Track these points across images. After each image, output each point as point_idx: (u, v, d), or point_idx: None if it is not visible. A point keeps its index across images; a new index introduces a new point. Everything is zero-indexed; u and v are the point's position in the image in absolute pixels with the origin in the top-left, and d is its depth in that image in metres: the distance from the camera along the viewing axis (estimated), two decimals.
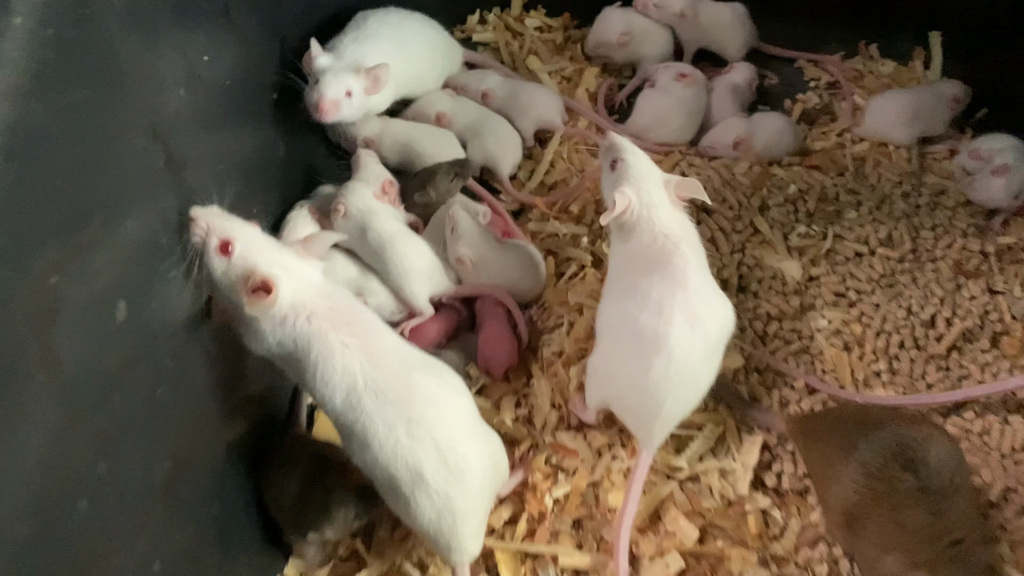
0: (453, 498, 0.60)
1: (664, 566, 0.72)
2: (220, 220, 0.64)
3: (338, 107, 0.89)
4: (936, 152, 1.04)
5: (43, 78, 0.47)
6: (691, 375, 0.66)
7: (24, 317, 0.43)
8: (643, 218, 0.71)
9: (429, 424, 0.59)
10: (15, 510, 0.41)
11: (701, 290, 0.67)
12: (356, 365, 0.60)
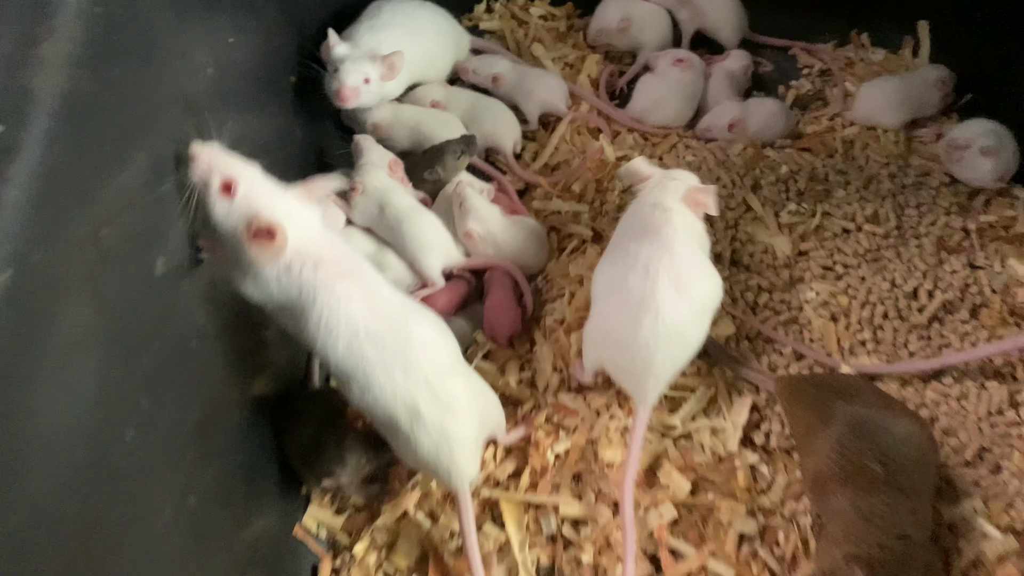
0: (448, 429, 0.65)
1: (659, 516, 0.77)
2: (223, 158, 0.61)
3: (357, 94, 0.94)
4: (922, 136, 1.08)
5: (93, 52, 0.51)
6: (678, 334, 0.71)
7: (80, 263, 0.48)
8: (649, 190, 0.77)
9: (422, 367, 0.64)
10: (74, 433, 0.46)
11: (688, 258, 0.72)
12: (358, 314, 0.63)
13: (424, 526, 0.78)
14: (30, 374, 0.43)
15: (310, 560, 0.78)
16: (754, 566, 0.75)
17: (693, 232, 0.77)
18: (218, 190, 0.61)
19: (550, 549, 0.76)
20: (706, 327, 0.74)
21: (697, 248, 0.77)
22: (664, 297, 0.69)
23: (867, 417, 0.69)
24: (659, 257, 0.71)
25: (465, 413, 0.66)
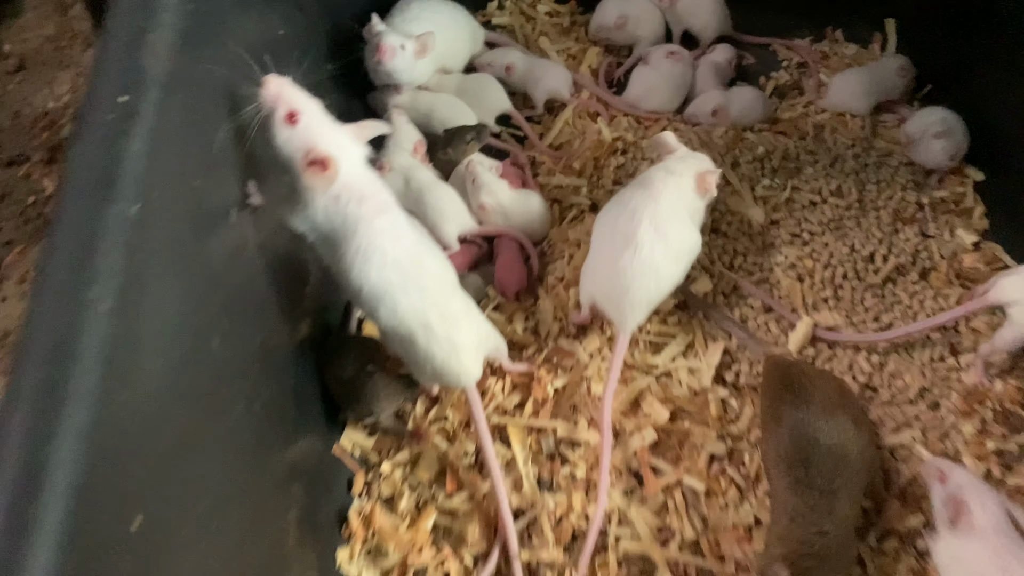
0: (454, 339, 0.77)
1: (641, 438, 0.89)
2: (291, 90, 0.68)
3: (394, 53, 1.06)
4: (887, 121, 1.20)
5: (187, 39, 0.64)
6: (652, 269, 0.83)
7: (182, 205, 0.61)
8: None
9: (433, 291, 0.75)
10: (177, 334, 0.58)
11: (671, 210, 0.84)
12: (389, 245, 0.73)
13: (442, 447, 0.91)
14: (147, 285, 0.55)
15: (346, 475, 0.90)
16: (722, 481, 0.87)
17: (684, 196, 0.89)
18: (283, 118, 0.68)
19: (549, 465, 0.89)
20: (679, 271, 0.86)
21: (682, 208, 0.89)
22: (644, 236, 0.82)
23: (803, 424, 0.77)
24: (645, 204, 0.84)
25: (466, 326, 0.79)
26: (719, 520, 0.84)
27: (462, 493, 0.88)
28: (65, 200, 0.52)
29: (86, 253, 0.49)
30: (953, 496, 0.74)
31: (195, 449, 0.59)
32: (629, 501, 0.86)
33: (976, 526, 0.71)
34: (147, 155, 0.56)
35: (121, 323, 0.50)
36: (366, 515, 0.87)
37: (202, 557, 0.58)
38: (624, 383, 0.93)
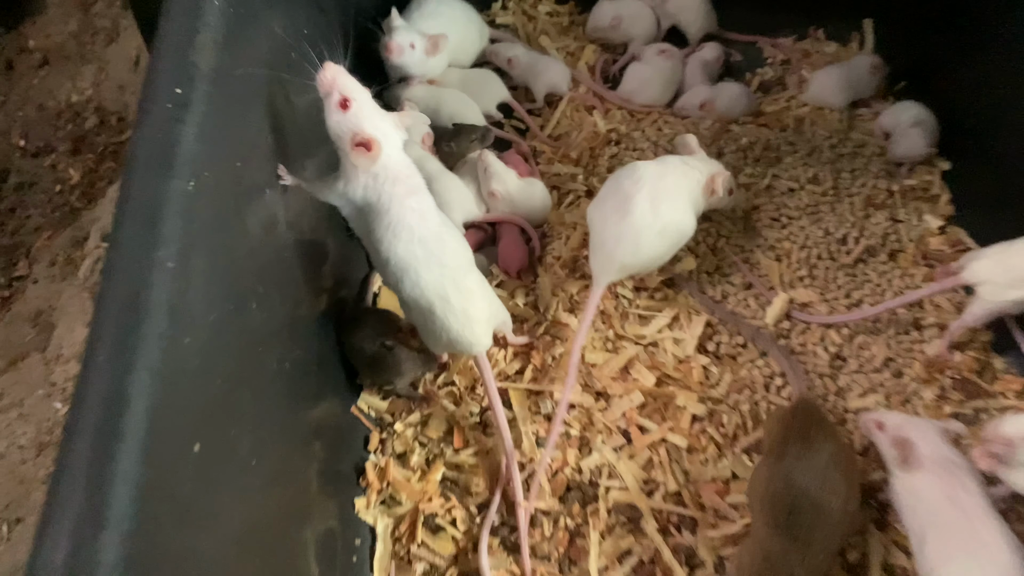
0: (469, 311, 0.85)
1: (630, 400, 0.98)
2: (345, 79, 0.78)
3: (402, 51, 1.15)
4: (863, 115, 1.28)
5: (228, 39, 0.73)
6: (635, 235, 0.92)
7: (226, 184, 0.69)
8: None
9: (452, 267, 0.84)
10: (221, 295, 0.67)
11: (671, 190, 0.94)
12: (416, 223, 0.81)
13: (449, 408, 1.00)
14: (200, 251, 0.64)
15: (363, 432, 0.99)
16: (702, 439, 0.96)
17: (690, 185, 0.98)
18: (336, 103, 0.77)
19: (546, 425, 0.98)
20: (661, 247, 0.95)
21: (685, 192, 0.97)
22: (638, 203, 0.91)
23: (801, 472, 0.79)
24: (652, 176, 0.94)
25: (479, 301, 0.87)
26: (699, 473, 0.93)
27: (468, 449, 0.97)
28: (131, 176, 0.61)
29: (154, 220, 0.58)
30: (896, 437, 0.82)
31: (238, 394, 0.67)
32: (618, 456, 0.95)
33: (922, 457, 0.80)
34: (198, 139, 0.64)
35: (181, 281, 0.58)
36: (381, 468, 0.96)
37: (243, 488, 0.67)
38: (615, 352, 1.02)
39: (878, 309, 1.03)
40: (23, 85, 2.08)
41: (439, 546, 0.91)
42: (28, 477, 1.31)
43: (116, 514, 0.47)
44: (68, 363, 1.43)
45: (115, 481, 0.48)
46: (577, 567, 0.89)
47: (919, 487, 0.80)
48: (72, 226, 1.72)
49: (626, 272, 0.96)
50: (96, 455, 0.49)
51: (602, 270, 0.95)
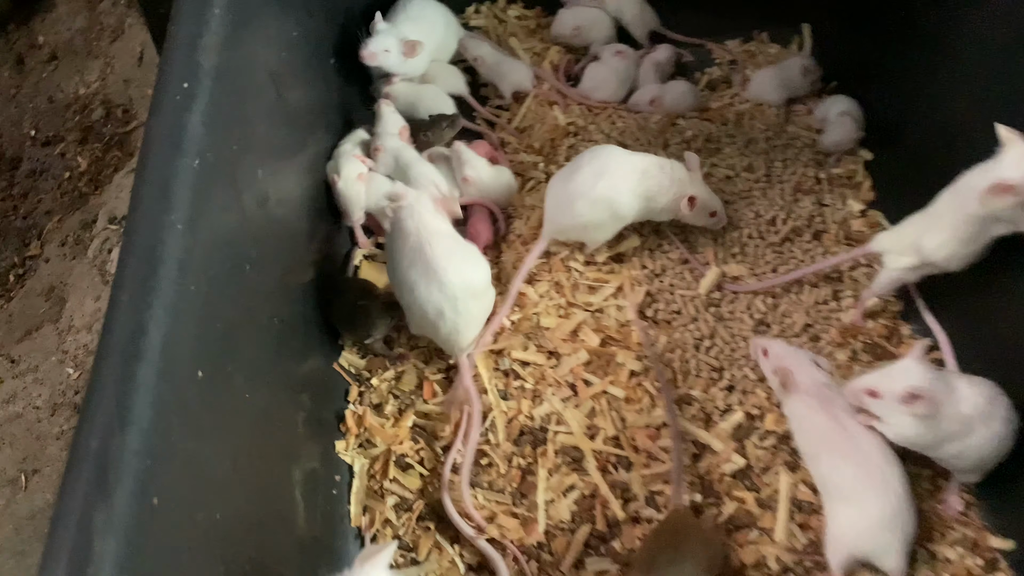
0: (459, 327, 1.02)
1: (577, 358, 1.11)
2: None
3: (375, 57, 1.28)
4: (798, 111, 1.41)
5: (229, 40, 0.85)
6: (570, 201, 1.09)
7: (226, 165, 0.82)
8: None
9: (451, 286, 1.00)
10: (221, 255, 0.80)
11: (628, 177, 1.09)
12: (418, 247, 1.01)
13: (420, 366, 1.13)
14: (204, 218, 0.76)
15: (343, 386, 1.13)
16: (638, 391, 1.09)
17: (648, 183, 1.11)
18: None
19: (505, 380, 1.11)
20: (594, 218, 1.11)
21: (641, 184, 1.11)
22: (585, 173, 1.09)
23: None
24: (606, 158, 1.10)
25: (472, 318, 1.05)
26: (634, 421, 1.07)
27: (435, 400, 1.10)
28: (147, 155, 0.74)
29: (166, 191, 0.71)
30: (777, 367, 0.97)
31: (234, 338, 0.81)
32: (565, 406, 1.08)
33: (800, 384, 0.94)
34: (203, 125, 0.77)
35: (188, 240, 0.71)
36: (359, 416, 1.09)
37: (238, 415, 0.80)
38: (566, 317, 1.15)
39: (795, 274, 1.17)
40: (33, 78, 2.20)
41: (408, 481, 1.05)
42: (44, 434, 1.44)
43: (138, 415, 0.60)
44: (79, 333, 1.56)
45: (137, 391, 0.61)
46: (527, 499, 1.03)
47: (802, 410, 0.95)
48: (81, 210, 1.85)
49: (564, 233, 1.12)
50: (122, 371, 0.62)
51: (547, 226, 1.13)
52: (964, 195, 0.97)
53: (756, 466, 1.04)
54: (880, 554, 0.90)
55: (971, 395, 0.90)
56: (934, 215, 1.03)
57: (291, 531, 0.91)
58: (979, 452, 0.92)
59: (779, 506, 1.00)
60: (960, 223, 0.98)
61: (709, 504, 1.01)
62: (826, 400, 0.94)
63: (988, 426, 0.90)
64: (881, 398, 0.90)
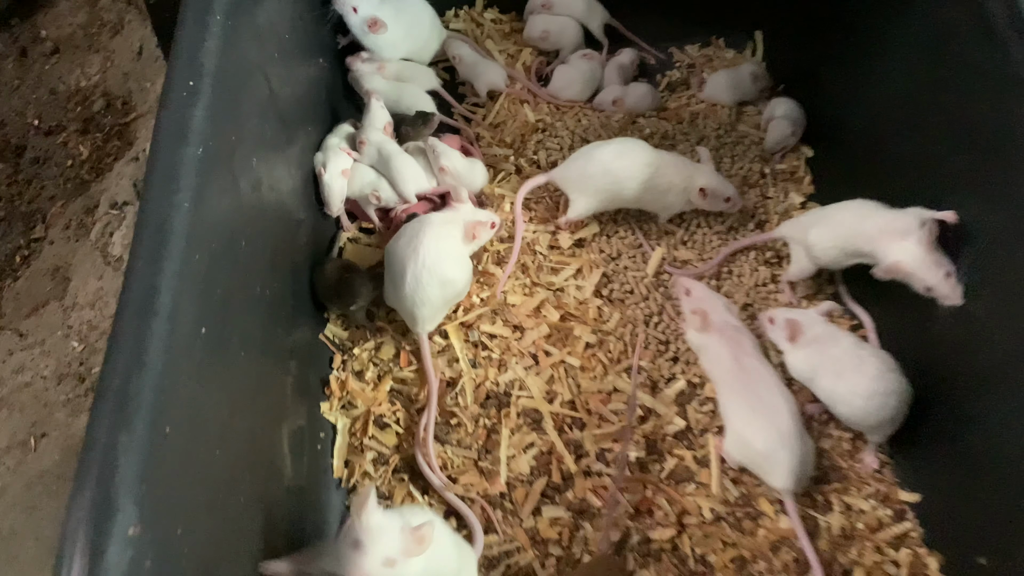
0: (417, 303, 1.14)
1: (539, 332, 1.23)
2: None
3: (343, 4, 1.39)
4: (749, 111, 1.54)
5: (227, 44, 0.97)
6: (586, 163, 1.27)
7: (226, 147, 0.93)
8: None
9: (425, 261, 1.12)
10: (220, 230, 0.91)
11: (628, 157, 1.26)
12: (420, 225, 1.16)
13: (397, 337, 1.25)
14: (206, 198, 0.88)
15: (328, 354, 1.24)
16: (593, 361, 1.21)
17: (652, 172, 1.25)
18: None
19: (474, 350, 1.23)
20: (592, 183, 1.27)
21: (640, 170, 1.25)
22: (596, 154, 1.28)
23: None
24: (631, 144, 1.28)
25: (427, 305, 1.15)
26: (588, 387, 1.19)
27: (411, 368, 1.22)
28: (157, 144, 0.85)
29: (174, 174, 0.82)
30: (696, 309, 1.11)
31: (231, 302, 0.92)
32: (527, 373, 1.20)
33: (713, 323, 1.08)
34: (205, 118, 0.89)
35: (193, 217, 0.83)
36: (342, 381, 1.21)
37: (233, 369, 0.92)
38: (531, 295, 1.27)
39: (720, 257, 1.31)
40: (36, 71, 2.30)
41: (385, 439, 1.17)
42: (51, 401, 1.55)
43: (152, 359, 0.72)
44: (83, 310, 1.67)
45: (151, 340, 0.73)
46: (491, 455, 1.15)
47: (712, 347, 1.11)
48: (83, 195, 1.95)
49: (564, 183, 1.30)
50: (138, 323, 0.74)
51: (556, 171, 1.32)
52: (862, 222, 1.13)
53: (695, 428, 1.17)
54: (764, 475, 1.07)
55: (849, 346, 1.08)
56: (829, 215, 1.19)
57: (279, 479, 1.03)
58: (851, 398, 1.07)
59: (712, 463, 1.13)
60: (843, 234, 1.15)
61: (653, 460, 1.14)
62: (732, 341, 1.10)
63: (858, 377, 1.06)
64: (774, 325, 1.12)
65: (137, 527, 0.63)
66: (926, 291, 1.05)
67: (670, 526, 1.09)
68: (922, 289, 1.05)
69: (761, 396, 1.06)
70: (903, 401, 1.06)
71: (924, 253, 1.04)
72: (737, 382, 1.08)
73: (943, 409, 1.09)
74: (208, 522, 0.78)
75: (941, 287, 1.03)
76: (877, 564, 1.07)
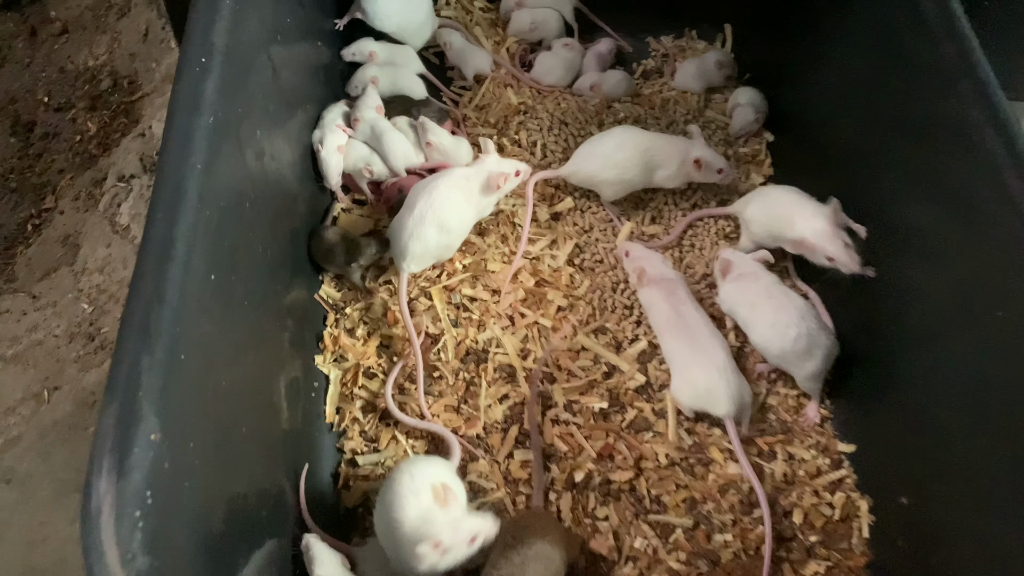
0: (413, 238, 1.24)
1: (515, 296, 1.34)
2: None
3: None
4: (716, 99, 1.65)
5: (234, 25, 1.07)
6: (594, 145, 1.40)
7: (233, 119, 1.04)
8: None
9: (434, 207, 1.23)
10: (227, 192, 1.02)
11: (630, 138, 1.40)
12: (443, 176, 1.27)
13: (385, 298, 1.36)
14: (216, 162, 0.98)
15: (322, 313, 1.35)
16: (563, 322, 1.33)
17: (648, 145, 1.38)
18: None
19: (456, 312, 1.34)
20: (604, 164, 1.40)
21: (636, 145, 1.38)
22: (605, 138, 1.43)
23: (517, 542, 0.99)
24: (630, 133, 1.42)
25: (419, 243, 1.25)
26: (558, 344, 1.30)
27: (397, 326, 1.33)
28: (173, 114, 0.95)
29: (188, 141, 0.92)
30: (635, 267, 1.23)
31: (236, 257, 1.02)
32: (504, 333, 1.31)
33: (651, 277, 1.21)
34: (215, 92, 0.99)
35: (205, 178, 0.93)
36: (335, 336, 1.32)
37: (239, 317, 1.02)
38: (509, 263, 1.38)
39: (677, 229, 1.43)
40: (46, 50, 2.39)
41: (373, 388, 1.28)
42: (62, 358, 1.65)
43: (170, 297, 0.82)
44: (92, 274, 1.77)
45: (168, 281, 0.83)
46: (470, 404, 1.26)
47: (653, 298, 1.25)
48: (91, 169, 2.05)
49: (584, 183, 1.44)
50: (157, 267, 0.84)
51: (566, 167, 1.43)
52: (785, 207, 1.29)
53: (655, 383, 1.28)
54: (707, 407, 1.20)
55: (767, 283, 1.24)
56: (763, 194, 1.34)
57: (276, 423, 1.14)
58: (757, 325, 1.23)
59: (668, 415, 1.24)
60: (772, 216, 1.30)
61: (615, 411, 1.26)
62: (669, 291, 1.23)
63: (765, 306, 1.22)
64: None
65: (157, 434, 0.74)
66: (828, 261, 1.21)
67: (629, 469, 1.20)
68: (825, 260, 1.22)
69: (698, 339, 1.19)
70: (815, 344, 1.19)
71: (827, 228, 1.20)
72: (677, 328, 1.22)
73: (877, 369, 1.21)
74: (214, 444, 0.89)
75: (841, 256, 1.19)
76: (814, 506, 1.19)
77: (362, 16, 1.57)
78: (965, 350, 1.02)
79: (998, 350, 0.96)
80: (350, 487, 1.20)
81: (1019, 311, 0.93)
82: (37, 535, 1.42)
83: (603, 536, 1.15)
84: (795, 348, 1.19)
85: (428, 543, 0.92)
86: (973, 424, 1.00)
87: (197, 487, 0.81)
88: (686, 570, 1.14)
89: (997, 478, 0.96)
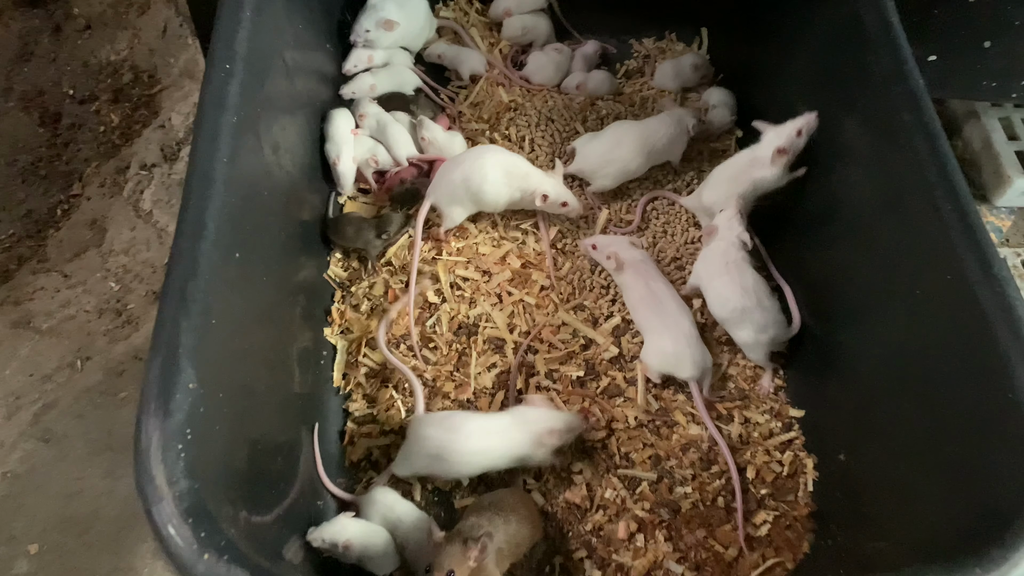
0: (447, 181, 1.44)
1: (503, 276, 1.48)
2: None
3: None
4: (692, 97, 1.78)
5: (254, 33, 1.20)
6: (605, 136, 1.53)
7: (252, 120, 1.18)
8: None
9: (478, 162, 1.41)
10: (249, 178, 1.16)
11: (633, 133, 1.53)
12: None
13: (387, 278, 1.50)
14: (239, 154, 1.12)
15: (330, 290, 1.49)
16: (546, 300, 1.46)
17: (651, 130, 1.53)
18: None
19: (449, 290, 1.48)
20: (609, 156, 1.54)
21: (638, 136, 1.53)
22: (607, 133, 1.56)
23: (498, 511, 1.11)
24: (627, 127, 1.57)
25: (448, 190, 1.46)
26: (542, 320, 1.44)
27: (397, 303, 1.47)
28: (202, 112, 1.09)
29: (215, 136, 1.06)
30: (608, 253, 1.37)
31: (256, 238, 1.16)
32: (493, 309, 1.45)
33: (626, 262, 1.35)
34: (238, 93, 1.13)
35: (231, 168, 1.07)
36: (341, 311, 1.46)
37: (258, 291, 1.16)
38: (498, 247, 1.52)
39: (640, 206, 1.58)
40: (70, 45, 2.52)
41: (376, 357, 1.42)
42: (93, 331, 1.79)
43: (203, 270, 0.96)
44: (119, 255, 1.92)
45: (201, 257, 0.97)
46: (461, 371, 1.40)
47: (629, 280, 1.38)
48: (115, 158, 2.19)
49: (587, 176, 1.58)
50: (191, 244, 0.98)
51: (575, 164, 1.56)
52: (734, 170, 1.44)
53: (627, 355, 1.42)
54: (673, 370, 1.34)
55: (735, 259, 1.35)
56: (710, 177, 1.49)
57: (290, 384, 1.28)
58: (714, 297, 1.37)
59: (638, 382, 1.38)
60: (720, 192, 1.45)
61: (590, 379, 1.40)
62: (641, 271, 1.36)
63: (723, 283, 1.34)
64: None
65: (195, 384, 0.89)
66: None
67: (601, 430, 1.34)
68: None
69: (667, 311, 1.33)
70: (748, 318, 1.33)
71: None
72: (648, 302, 1.36)
73: (823, 343, 1.35)
74: (239, 396, 1.03)
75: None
76: (766, 463, 1.33)
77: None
78: (890, 324, 1.16)
79: (916, 324, 1.10)
80: (354, 443, 1.35)
81: (932, 289, 1.06)
82: (73, 488, 1.57)
83: (578, 487, 1.30)
84: (731, 318, 1.35)
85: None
86: (894, 388, 1.14)
87: (225, 430, 0.95)
88: (650, 517, 1.28)
89: (914, 434, 1.10)
